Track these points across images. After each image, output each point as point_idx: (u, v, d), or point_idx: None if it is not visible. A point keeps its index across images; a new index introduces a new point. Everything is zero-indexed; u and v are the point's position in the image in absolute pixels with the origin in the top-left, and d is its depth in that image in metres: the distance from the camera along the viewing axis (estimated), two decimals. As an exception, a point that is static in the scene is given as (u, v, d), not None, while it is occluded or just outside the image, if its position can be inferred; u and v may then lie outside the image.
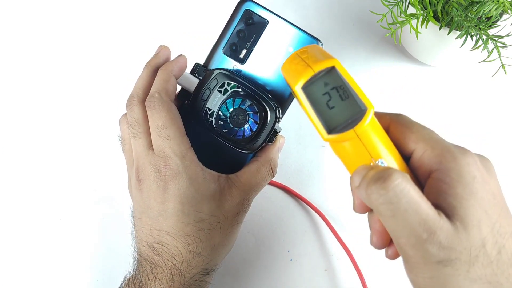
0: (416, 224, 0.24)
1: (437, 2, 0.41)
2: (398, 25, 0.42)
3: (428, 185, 0.26)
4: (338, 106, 0.27)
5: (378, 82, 0.50)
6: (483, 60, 0.41)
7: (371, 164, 0.27)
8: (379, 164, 0.27)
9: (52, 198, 0.48)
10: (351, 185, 0.27)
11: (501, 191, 0.27)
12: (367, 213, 0.30)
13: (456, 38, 0.41)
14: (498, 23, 0.41)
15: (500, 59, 0.40)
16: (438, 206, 0.25)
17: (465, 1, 0.40)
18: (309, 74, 0.26)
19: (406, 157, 0.28)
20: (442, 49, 0.46)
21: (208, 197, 0.35)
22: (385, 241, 0.29)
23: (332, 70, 0.26)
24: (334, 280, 0.44)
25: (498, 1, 0.39)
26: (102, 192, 0.48)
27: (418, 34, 0.42)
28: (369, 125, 0.27)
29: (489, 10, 0.39)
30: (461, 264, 0.24)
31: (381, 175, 0.25)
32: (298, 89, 0.26)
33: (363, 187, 0.26)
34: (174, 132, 0.35)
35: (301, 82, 0.26)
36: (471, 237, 0.24)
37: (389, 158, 0.27)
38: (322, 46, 0.39)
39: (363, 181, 0.26)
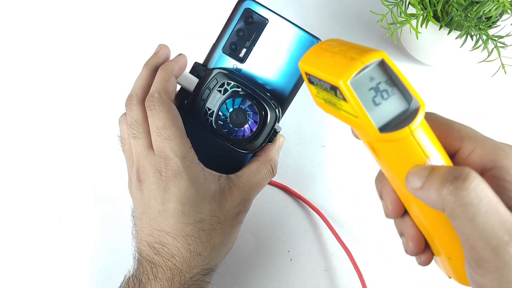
0: (498, 226, 0.23)
1: (437, 2, 0.41)
2: (398, 25, 0.42)
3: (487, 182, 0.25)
4: (386, 102, 0.25)
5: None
6: (483, 60, 0.41)
7: (426, 164, 0.25)
8: (431, 163, 0.25)
9: (52, 198, 0.48)
10: (408, 186, 0.25)
11: None
12: (394, 220, 0.29)
13: (456, 38, 0.41)
14: (498, 23, 0.41)
15: (500, 59, 0.40)
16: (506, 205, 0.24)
17: (465, 1, 0.40)
18: (357, 67, 0.24)
19: (449, 155, 0.27)
20: (442, 49, 0.46)
21: (208, 197, 0.35)
22: (421, 247, 0.28)
23: (381, 63, 0.24)
24: (334, 280, 0.44)
25: (498, 1, 0.39)
26: (102, 192, 0.48)
27: (418, 34, 0.42)
28: (421, 123, 0.25)
29: (489, 10, 0.39)
30: None
31: (457, 174, 0.23)
32: (345, 84, 0.24)
33: (431, 188, 0.24)
34: (174, 132, 0.35)
35: (347, 76, 0.24)
36: None
37: (439, 158, 0.25)
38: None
39: (430, 182, 0.24)
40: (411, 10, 0.43)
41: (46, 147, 0.50)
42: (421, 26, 0.42)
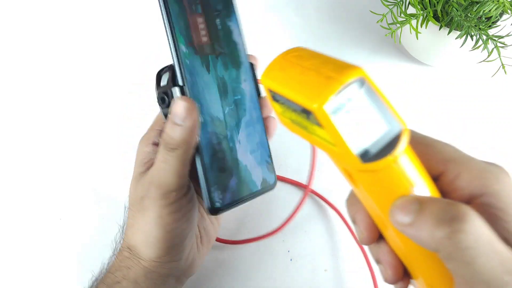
0: (498, 267, 0.21)
1: (437, 2, 0.41)
2: (398, 25, 0.42)
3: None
4: (365, 126, 0.21)
5: (378, 82, 0.50)
6: (483, 60, 0.41)
7: (412, 194, 0.22)
8: (416, 192, 0.22)
9: (52, 198, 0.48)
10: (393, 220, 0.23)
11: None
12: (369, 246, 0.27)
13: (456, 38, 0.41)
14: (498, 23, 0.41)
15: (500, 59, 0.40)
16: (500, 236, 0.22)
17: (465, 1, 0.40)
18: (335, 88, 0.20)
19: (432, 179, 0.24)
20: (442, 49, 0.46)
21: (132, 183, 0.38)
22: (401, 274, 0.25)
23: (360, 81, 0.21)
24: (334, 280, 0.44)
25: (498, 1, 0.39)
26: (102, 192, 0.48)
27: (418, 34, 0.42)
28: (405, 149, 0.22)
29: (489, 10, 0.39)
30: None
31: (454, 214, 0.21)
32: (320, 109, 0.20)
33: (423, 227, 0.21)
34: None
35: (324, 99, 0.20)
36: None
37: (424, 186, 0.23)
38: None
39: (422, 220, 0.21)
40: (411, 10, 0.43)
41: (46, 147, 0.50)
42: (421, 26, 0.42)
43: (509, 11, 0.39)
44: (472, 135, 0.48)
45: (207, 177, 0.35)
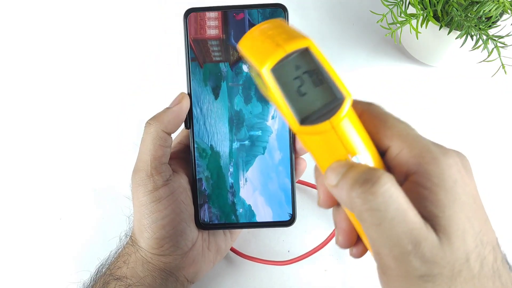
0: (402, 234, 0.22)
1: (437, 2, 0.41)
2: (398, 25, 0.42)
3: (406, 188, 0.23)
4: (310, 92, 0.23)
5: (378, 82, 0.50)
6: (483, 60, 0.41)
7: (347, 160, 0.24)
8: (355, 160, 0.24)
9: (52, 198, 0.48)
10: (325, 182, 0.24)
11: (477, 191, 0.24)
12: (332, 209, 0.28)
13: (456, 38, 0.41)
14: (498, 23, 0.41)
15: (500, 59, 0.40)
16: (420, 214, 0.23)
17: (465, 1, 0.40)
18: (280, 55, 0.23)
19: (380, 153, 0.25)
20: (442, 49, 0.46)
21: None
22: (352, 241, 0.26)
23: (305, 51, 0.23)
24: (334, 280, 0.44)
25: (498, 1, 0.39)
26: (102, 192, 0.48)
27: (418, 34, 0.42)
28: (346, 117, 0.23)
29: (489, 10, 0.39)
30: (443, 280, 0.22)
31: (368, 177, 0.22)
32: (265, 71, 0.23)
33: (344, 188, 0.23)
34: None
35: (270, 63, 0.23)
36: (455, 250, 0.22)
37: (366, 155, 0.24)
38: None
39: (343, 181, 0.23)
40: (411, 10, 0.43)
41: (46, 147, 0.50)
42: (421, 26, 0.42)
43: (509, 11, 0.39)
44: (472, 135, 0.48)
45: (196, 194, 0.38)
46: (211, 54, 0.37)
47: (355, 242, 0.27)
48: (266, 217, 0.38)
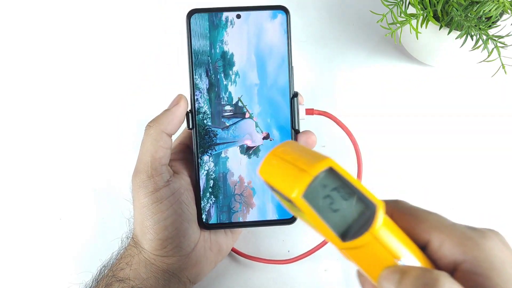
0: None
1: (437, 2, 0.41)
2: (398, 25, 0.42)
3: (460, 278, 0.23)
4: (343, 208, 0.24)
5: (378, 82, 0.50)
6: (483, 60, 0.41)
7: (396, 265, 0.24)
8: (402, 263, 0.24)
9: (52, 198, 0.48)
10: None
11: None
12: None
13: (456, 38, 0.41)
14: (498, 23, 0.41)
15: (500, 59, 0.40)
16: None
17: (465, 1, 0.40)
18: (307, 180, 0.23)
19: (420, 247, 0.25)
20: (442, 49, 0.46)
21: None
22: None
23: (329, 170, 0.24)
24: (334, 280, 0.44)
25: (498, 1, 0.39)
26: (102, 192, 0.48)
27: (418, 34, 0.42)
28: (383, 224, 0.24)
29: (489, 10, 0.39)
30: None
31: (426, 281, 0.22)
32: (297, 199, 0.23)
33: None
34: None
35: (299, 190, 0.23)
36: None
37: (411, 255, 0.24)
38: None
39: None
40: (411, 10, 0.43)
41: (46, 147, 0.50)
42: (421, 26, 0.42)
43: (509, 11, 0.39)
44: (472, 135, 0.48)
45: (199, 194, 0.39)
46: None
47: None
48: (268, 215, 0.38)
